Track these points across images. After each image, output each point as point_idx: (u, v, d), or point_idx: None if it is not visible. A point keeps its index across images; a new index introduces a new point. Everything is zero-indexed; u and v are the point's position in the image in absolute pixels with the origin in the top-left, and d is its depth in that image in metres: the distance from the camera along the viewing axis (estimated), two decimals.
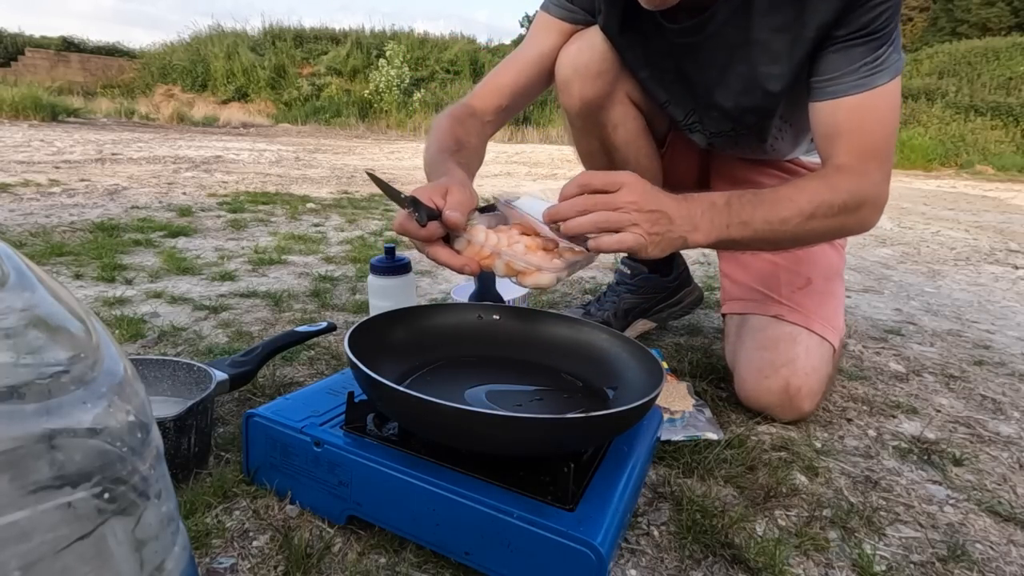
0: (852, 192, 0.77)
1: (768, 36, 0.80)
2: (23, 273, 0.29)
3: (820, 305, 0.96)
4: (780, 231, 0.75)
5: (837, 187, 0.77)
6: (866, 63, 0.76)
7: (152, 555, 0.31)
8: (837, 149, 0.80)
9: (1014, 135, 10.47)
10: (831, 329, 0.95)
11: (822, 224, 0.77)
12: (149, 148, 5.06)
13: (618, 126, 1.02)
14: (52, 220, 2.06)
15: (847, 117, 0.78)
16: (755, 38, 0.81)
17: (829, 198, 0.76)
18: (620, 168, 0.97)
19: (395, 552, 0.59)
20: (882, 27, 0.75)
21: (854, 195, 0.77)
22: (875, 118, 0.78)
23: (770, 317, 0.97)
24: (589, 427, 0.59)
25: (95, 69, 13.87)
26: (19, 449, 0.25)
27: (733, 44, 0.83)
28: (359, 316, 1.28)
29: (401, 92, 12.17)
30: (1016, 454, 0.90)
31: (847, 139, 0.79)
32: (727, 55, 0.85)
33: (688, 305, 1.31)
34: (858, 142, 0.79)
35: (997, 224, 3.73)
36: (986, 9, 18.11)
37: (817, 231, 0.78)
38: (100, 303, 1.26)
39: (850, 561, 0.64)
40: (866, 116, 0.78)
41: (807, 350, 0.92)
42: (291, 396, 0.70)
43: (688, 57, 0.89)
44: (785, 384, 0.90)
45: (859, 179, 0.78)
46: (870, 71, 0.76)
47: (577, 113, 1.01)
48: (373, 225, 2.39)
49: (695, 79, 0.92)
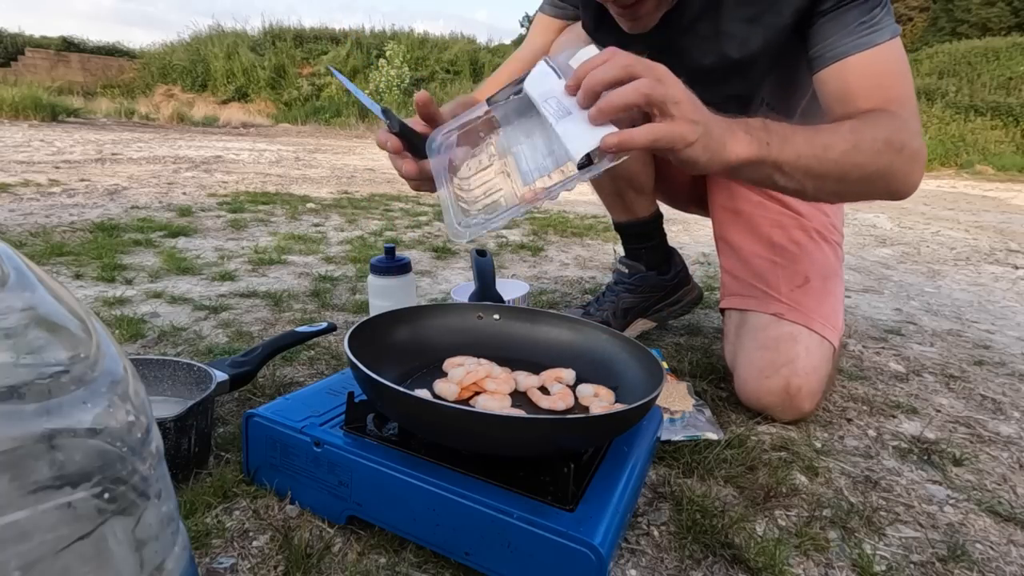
0: (892, 128, 0.70)
1: (738, 27, 0.81)
2: (23, 273, 0.29)
3: (819, 304, 0.96)
4: (824, 159, 0.68)
5: (877, 123, 0.71)
6: (862, 23, 0.73)
7: (152, 555, 0.31)
8: (857, 105, 0.74)
9: (1014, 135, 10.46)
10: (831, 328, 0.95)
11: (868, 160, 0.69)
12: (149, 148, 5.06)
13: None
14: (52, 220, 2.06)
15: (858, 77, 0.75)
16: (724, 30, 0.82)
17: (871, 132, 0.70)
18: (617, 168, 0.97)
19: (395, 552, 0.59)
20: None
21: (895, 131, 0.70)
22: (888, 72, 0.74)
23: (770, 316, 0.97)
24: (589, 427, 0.59)
25: (95, 69, 13.87)
26: (19, 449, 0.25)
27: (704, 37, 0.84)
28: (359, 316, 1.28)
29: (401, 92, 12.17)
30: (1016, 454, 0.90)
31: (865, 95, 0.74)
32: (700, 50, 0.86)
33: (687, 304, 1.31)
34: (878, 95, 0.74)
35: (997, 224, 3.73)
36: (986, 9, 18.11)
37: (864, 168, 0.69)
38: (100, 303, 1.26)
39: (850, 561, 0.64)
40: (879, 71, 0.74)
41: (807, 350, 0.92)
42: (291, 396, 0.70)
43: (663, 54, 0.89)
44: (786, 384, 0.90)
45: (893, 118, 0.72)
46: (868, 30, 0.73)
47: None
48: (373, 225, 2.39)
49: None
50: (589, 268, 1.92)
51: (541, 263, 1.97)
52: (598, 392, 0.71)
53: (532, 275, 1.79)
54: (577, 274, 1.84)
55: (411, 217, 2.65)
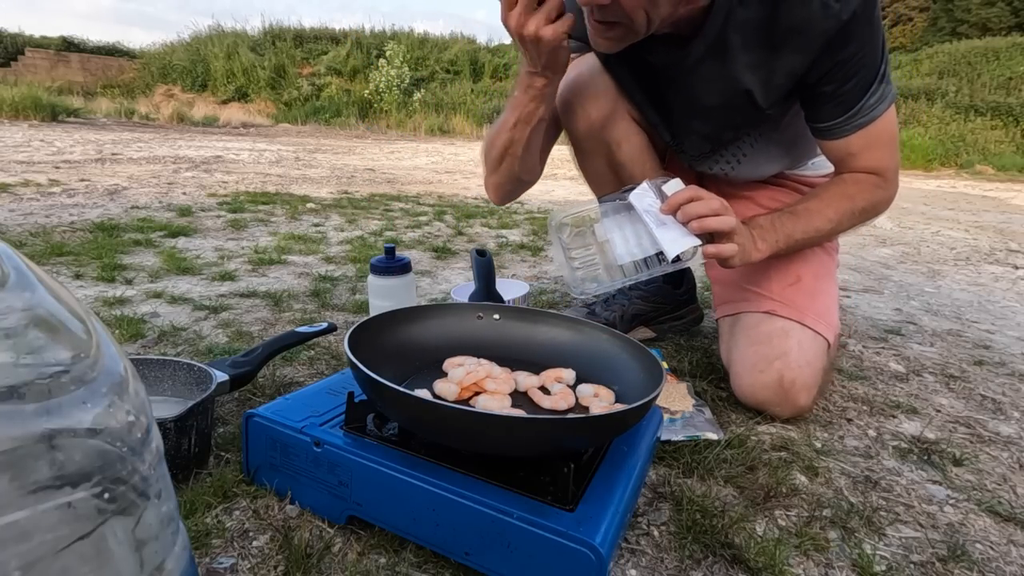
0: (869, 199, 0.93)
1: (741, 71, 0.86)
2: (23, 273, 0.29)
3: (812, 301, 0.97)
4: (815, 237, 0.94)
5: (856, 197, 0.93)
6: (864, 105, 0.86)
7: (152, 555, 0.31)
8: (850, 166, 0.94)
9: (1014, 135, 10.46)
10: (824, 324, 0.96)
11: (848, 224, 0.95)
12: (149, 148, 5.07)
13: (622, 142, 1.05)
14: (52, 220, 2.06)
15: (857, 147, 0.91)
16: (730, 73, 0.87)
17: (850, 207, 0.93)
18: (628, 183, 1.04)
19: (395, 552, 0.59)
20: (866, 67, 0.83)
21: (871, 201, 0.94)
22: (881, 140, 0.90)
23: (762, 313, 0.98)
24: (589, 427, 0.59)
25: (95, 69, 13.88)
26: (19, 449, 0.25)
27: (709, 78, 0.89)
28: (359, 316, 1.28)
29: (401, 92, 12.17)
30: (1016, 454, 0.90)
31: (861, 162, 0.92)
32: (703, 87, 0.91)
33: (688, 322, 1.35)
34: (868, 160, 0.92)
35: (997, 224, 3.73)
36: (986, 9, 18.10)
37: (844, 228, 0.96)
38: (100, 303, 1.26)
39: (850, 561, 0.64)
40: (872, 141, 0.90)
41: (800, 343, 0.93)
42: (291, 396, 0.70)
43: (670, 86, 0.96)
44: (779, 377, 0.91)
45: (873, 189, 0.93)
46: (869, 109, 0.87)
47: (583, 134, 1.05)
48: (373, 225, 2.39)
49: (673, 105, 0.98)
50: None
51: (541, 263, 1.97)
52: (598, 392, 0.71)
53: (532, 275, 1.79)
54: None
55: (411, 217, 2.65)
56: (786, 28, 0.81)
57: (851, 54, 0.81)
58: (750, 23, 0.82)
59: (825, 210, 0.93)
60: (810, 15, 0.79)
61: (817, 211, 0.93)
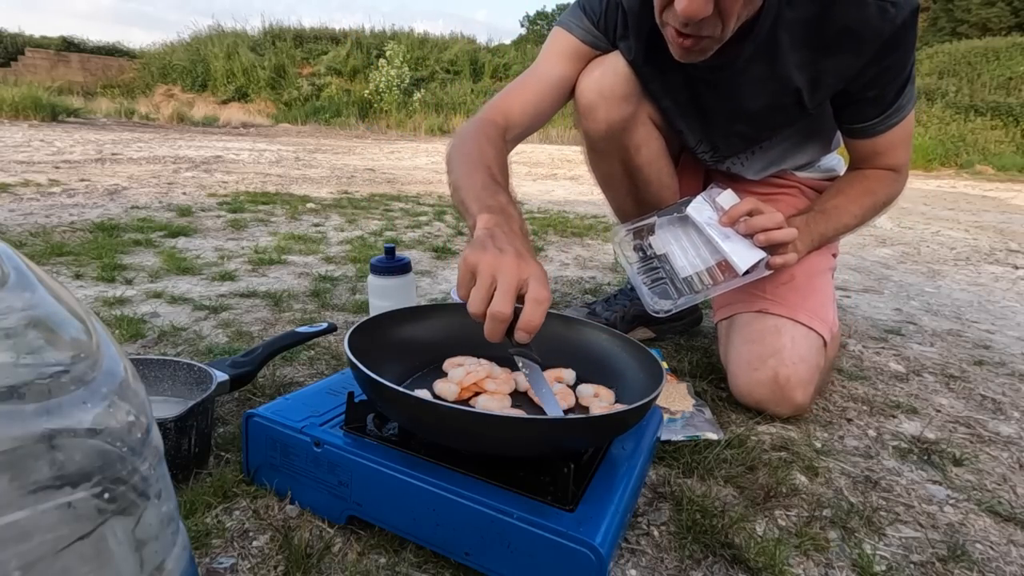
0: (887, 193, 1.00)
1: (791, 71, 0.87)
2: (23, 273, 0.29)
3: (805, 298, 0.97)
4: (842, 233, 1.01)
5: (877, 192, 0.99)
6: (895, 108, 0.91)
7: (152, 555, 0.31)
8: (874, 163, 0.99)
9: (1014, 135, 10.47)
10: (818, 320, 0.96)
11: (869, 218, 1.01)
12: (149, 148, 5.07)
13: (641, 147, 1.04)
14: (52, 220, 2.06)
15: (883, 146, 0.96)
16: (779, 73, 0.87)
17: (872, 201, 0.99)
18: (642, 187, 1.09)
19: (395, 552, 0.59)
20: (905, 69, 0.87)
21: (889, 195, 1.00)
22: (904, 138, 0.96)
23: (755, 312, 0.98)
24: (589, 427, 0.59)
25: (95, 69, 13.88)
26: (19, 449, 0.25)
27: (757, 78, 0.89)
28: (359, 316, 1.28)
29: (401, 92, 12.18)
30: (1016, 454, 0.90)
31: (883, 159, 0.98)
32: (752, 88, 0.91)
33: (687, 324, 1.35)
34: (892, 160, 0.98)
35: (997, 224, 3.73)
36: (986, 9, 18.11)
37: (865, 222, 1.02)
38: (100, 303, 1.26)
39: (850, 561, 0.64)
40: (898, 140, 0.95)
41: (793, 340, 0.93)
42: (291, 396, 0.70)
43: (709, 91, 0.95)
44: (774, 375, 0.91)
45: (891, 184, 1.00)
46: (900, 109, 0.91)
47: (602, 136, 1.02)
48: (373, 225, 2.39)
49: (714, 110, 0.98)
50: (589, 268, 1.92)
51: (541, 263, 1.96)
52: (598, 392, 0.71)
53: None
54: (577, 274, 1.84)
55: (411, 217, 2.65)
56: (839, 28, 0.81)
57: (898, 58, 0.84)
58: (798, 23, 0.83)
59: (851, 207, 0.97)
60: (867, 17, 0.80)
61: (844, 208, 0.97)
